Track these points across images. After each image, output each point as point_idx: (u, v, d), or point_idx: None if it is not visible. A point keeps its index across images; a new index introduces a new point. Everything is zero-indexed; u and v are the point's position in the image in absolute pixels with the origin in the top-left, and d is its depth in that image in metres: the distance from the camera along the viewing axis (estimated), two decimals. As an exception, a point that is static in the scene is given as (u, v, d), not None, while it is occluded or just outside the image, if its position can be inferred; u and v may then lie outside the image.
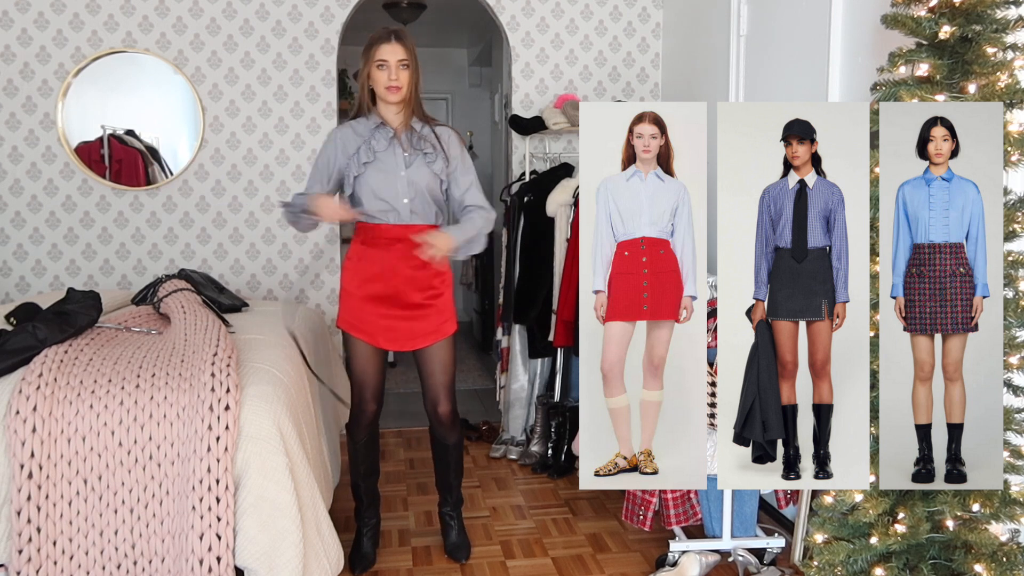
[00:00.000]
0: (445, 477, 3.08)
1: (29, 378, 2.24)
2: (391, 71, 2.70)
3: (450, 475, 3.08)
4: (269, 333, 2.94)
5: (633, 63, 4.67)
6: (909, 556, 1.99)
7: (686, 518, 3.01)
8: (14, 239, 4.27)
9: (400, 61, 2.70)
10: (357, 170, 2.75)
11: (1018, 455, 1.92)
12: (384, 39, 2.71)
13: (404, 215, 2.77)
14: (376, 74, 2.72)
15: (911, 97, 1.88)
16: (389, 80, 2.70)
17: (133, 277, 4.38)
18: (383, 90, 2.72)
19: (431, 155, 2.78)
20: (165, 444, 2.22)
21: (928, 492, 1.96)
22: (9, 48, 4.16)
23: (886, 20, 1.96)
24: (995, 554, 1.91)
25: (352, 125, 2.83)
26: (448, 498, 3.10)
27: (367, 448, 3.01)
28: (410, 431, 4.62)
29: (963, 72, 1.87)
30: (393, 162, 2.76)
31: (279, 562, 2.19)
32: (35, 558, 2.16)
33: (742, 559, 2.91)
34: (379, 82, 2.72)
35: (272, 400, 2.32)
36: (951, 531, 1.93)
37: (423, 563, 3.03)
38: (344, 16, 4.42)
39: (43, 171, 4.24)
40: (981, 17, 1.85)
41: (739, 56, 3.66)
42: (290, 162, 4.45)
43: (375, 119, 2.80)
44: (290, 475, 2.25)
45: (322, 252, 4.49)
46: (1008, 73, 1.84)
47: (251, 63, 4.36)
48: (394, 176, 2.75)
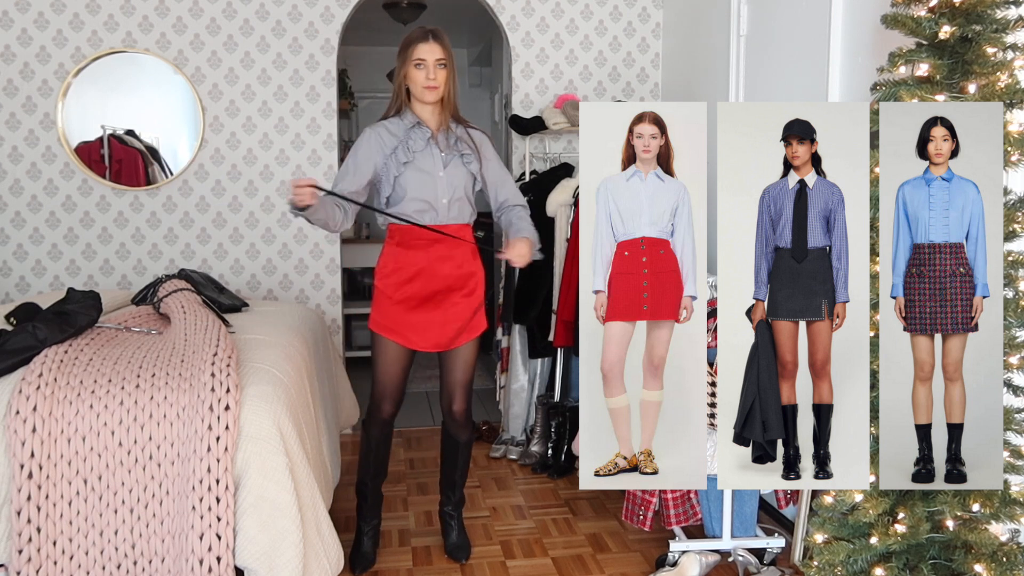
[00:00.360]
0: (451, 475, 3.08)
1: (29, 378, 2.24)
2: (429, 70, 2.68)
3: (456, 473, 3.08)
4: (269, 333, 2.94)
5: (633, 63, 4.67)
6: (909, 556, 1.99)
7: (686, 518, 3.01)
8: (14, 239, 4.27)
9: (438, 60, 2.70)
10: (397, 170, 2.72)
11: (1018, 455, 1.92)
12: (422, 38, 2.69)
13: (442, 215, 2.76)
14: (413, 73, 2.70)
15: (911, 97, 1.88)
16: (427, 79, 2.68)
17: (133, 277, 4.38)
18: (420, 89, 2.70)
19: (468, 156, 2.79)
20: (165, 444, 2.22)
21: (928, 492, 1.96)
22: (9, 48, 4.16)
23: (886, 20, 1.96)
24: (995, 554, 1.91)
25: (385, 125, 2.78)
26: (451, 496, 3.11)
27: (379, 448, 2.99)
28: (410, 431, 4.62)
29: (963, 72, 1.87)
30: (431, 162, 2.74)
31: (279, 562, 2.19)
32: (35, 558, 2.16)
33: (742, 559, 2.91)
34: (416, 81, 2.70)
35: (272, 400, 2.32)
36: (951, 531, 1.93)
37: (423, 563, 3.03)
38: (344, 16, 4.42)
39: (43, 171, 4.24)
40: (981, 17, 1.85)
41: (739, 56, 3.66)
42: (290, 162, 4.45)
43: (410, 119, 2.76)
44: (290, 475, 2.25)
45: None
46: (1008, 73, 1.84)
47: (251, 63, 4.36)
48: (433, 176, 2.74)
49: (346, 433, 4.55)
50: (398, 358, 2.86)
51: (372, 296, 2.88)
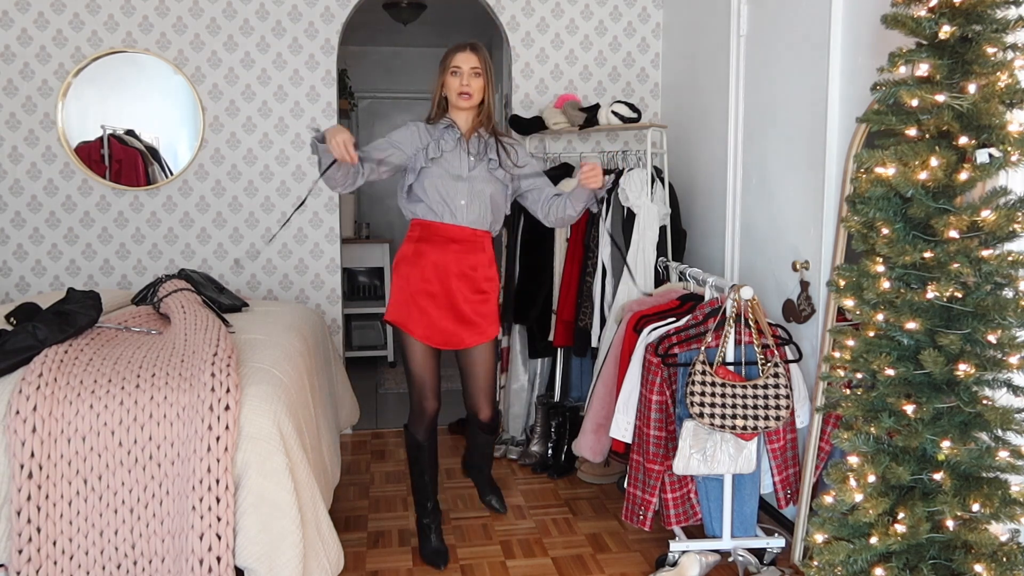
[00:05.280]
0: (480, 469, 3.43)
1: (29, 378, 2.24)
2: (463, 77, 2.84)
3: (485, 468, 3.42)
4: (269, 333, 2.94)
5: (633, 63, 4.67)
6: (909, 556, 1.99)
7: (686, 518, 3.01)
8: (14, 239, 4.27)
9: (473, 68, 2.85)
10: (424, 162, 2.85)
11: (1018, 455, 1.92)
12: (460, 48, 2.88)
13: (460, 216, 2.87)
14: (449, 80, 2.87)
15: (911, 97, 1.87)
16: (461, 86, 2.84)
17: (133, 277, 4.38)
18: (455, 96, 2.86)
19: (494, 162, 2.90)
20: (165, 444, 2.22)
21: (928, 492, 1.96)
22: (9, 48, 4.16)
23: (886, 20, 1.95)
24: (995, 554, 1.91)
25: (424, 124, 2.96)
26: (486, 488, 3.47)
27: (430, 450, 3.08)
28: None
29: (963, 72, 1.86)
30: (457, 163, 2.87)
31: (279, 562, 2.19)
32: (35, 558, 2.16)
33: (742, 559, 2.91)
34: (452, 88, 2.87)
35: (272, 400, 2.32)
36: (951, 531, 1.93)
37: (423, 563, 3.03)
38: (344, 16, 4.42)
39: (43, 171, 4.24)
40: (981, 17, 1.84)
41: (739, 56, 3.66)
42: (290, 162, 4.45)
43: (446, 121, 2.93)
44: (290, 475, 2.25)
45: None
46: (1008, 73, 1.83)
47: (251, 63, 4.36)
48: (456, 177, 2.86)
49: (346, 433, 4.55)
50: (426, 354, 2.96)
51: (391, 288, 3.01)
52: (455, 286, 2.89)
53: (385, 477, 3.91)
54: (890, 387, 1.98)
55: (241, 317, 3.25)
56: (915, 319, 1.91)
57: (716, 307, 2.94)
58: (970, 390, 1.92)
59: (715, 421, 2.75)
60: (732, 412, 2.75)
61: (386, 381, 5.80)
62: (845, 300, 2.08)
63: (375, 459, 4.18)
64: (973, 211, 1.83)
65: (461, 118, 2.92)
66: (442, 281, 2.88)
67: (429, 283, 2.89)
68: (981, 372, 1.88)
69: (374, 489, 3.75)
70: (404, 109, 7.76)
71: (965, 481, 1.94)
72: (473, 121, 2.93)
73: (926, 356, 1.87)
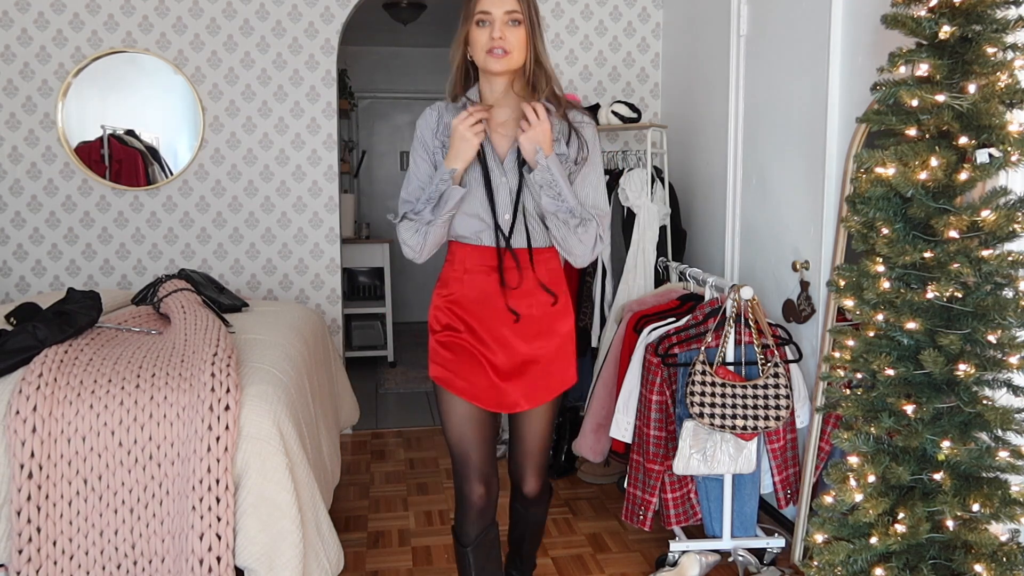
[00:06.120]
0: (518, 545, 2.45)
1: (29, 378, 2.24)
2: (495, 26, 1.90)
3: (525, 545, 2.45)
4: (269, 333, 2.94)
5: (633, 63, 4.67)
6: (909, 556, 1.98)
7: (686, 518, 3.01)
8: (14, 239, 4.27)
9: (509, 14, 1.90)
10: None
11: (1018, 455, 1.92)
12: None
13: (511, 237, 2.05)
14: (475, 34, 1.93)
15: (911, 97, 1.87)
16: (491, 40, 1.90)
17: (133, 277, 4.38)
18: (483, 56, 1.93)
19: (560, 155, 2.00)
20: (165, 444, 2.22)
21: (928, 492, 1.96)
22: (9, 48, 4.16)
23: (886, 20, 1.95)
24: (995, 554, 1.91)
25: (439, 108, 2.10)
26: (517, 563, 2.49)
27: (477, 555, 2.14)
28: (410, 431, 4.63)
29: (963, 72, 1.86)
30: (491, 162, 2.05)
31: (279, 562, 2.19)
32: (35, 558, 2.16)
33: (742, 559, 2.91)
34: (479, 44, 1.93)
35: (272, 400, 2.32)
36: (951, 531, 1.93)
37: (423, 563, 3.03)
38: (344, 16, 4.42)
39: (43, 171, 4.24)
40: (981, 17, 1.84)
41: (739, 56, 3.66)
42: (290, 162, 4.45)
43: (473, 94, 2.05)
44: (290, 475, 2.25)
45: None
46: (1008, 73, 1.83)
47: (251, 63, 4.36)
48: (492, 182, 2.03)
49: (346, 433, 4.55)
50: (470, 416, 2.10)
51: None
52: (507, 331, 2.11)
53: (385, 477, 3.91)
54: (890, 387, 1.98)
55: (241, 317, 3.25)
56: (915, 319, 1.91)
57: (716, 307, 2.94)
58: (970, 390, 1.92)
59: (715, 421, 2.75)
60: (732, 412, 2.75)
61: (386, 381, 5.79)
62: (845, 300, 2.08)
63: (375, 459, 4.18)
64: (973, 211, 1.83)
65: (496, 90, 2.00)
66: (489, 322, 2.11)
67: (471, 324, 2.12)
68: (981, 372, 1.88)
69: (374, 489, 3.75)
70: (404, 109, 7.75)
71: (965, 481, 1.94)
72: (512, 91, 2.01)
73: (926, 356, 1.87)
